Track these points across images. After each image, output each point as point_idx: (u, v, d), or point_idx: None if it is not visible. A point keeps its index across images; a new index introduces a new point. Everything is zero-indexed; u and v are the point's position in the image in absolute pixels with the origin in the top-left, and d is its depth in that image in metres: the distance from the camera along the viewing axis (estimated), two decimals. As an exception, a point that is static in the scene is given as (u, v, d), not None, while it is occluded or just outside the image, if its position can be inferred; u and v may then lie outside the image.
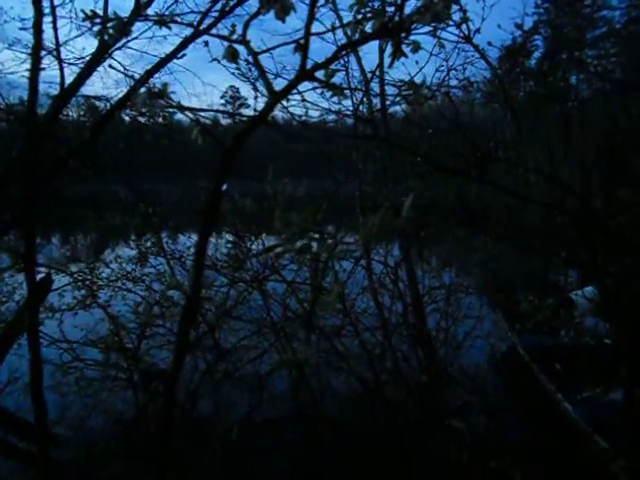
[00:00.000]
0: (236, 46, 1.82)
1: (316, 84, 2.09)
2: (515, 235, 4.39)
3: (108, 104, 8.03)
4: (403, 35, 1.80)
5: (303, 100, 2.99)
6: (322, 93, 1.91)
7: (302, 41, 1.63)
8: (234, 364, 5.55)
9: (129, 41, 8.87)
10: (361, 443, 4.62)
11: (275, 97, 1.67)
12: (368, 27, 1.81)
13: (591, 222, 3.00)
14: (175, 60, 8.39)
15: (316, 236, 1.70)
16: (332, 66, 1.89)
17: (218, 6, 6.41)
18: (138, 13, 5.92)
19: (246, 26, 1.70)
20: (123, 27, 1.73)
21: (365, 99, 8.42)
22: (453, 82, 6.34)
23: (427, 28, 2.07)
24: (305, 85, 2.02)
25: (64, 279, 6.86)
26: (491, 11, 5.60)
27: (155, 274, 6.12)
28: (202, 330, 5.51)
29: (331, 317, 5.95)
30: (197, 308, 3.09)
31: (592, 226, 3.00)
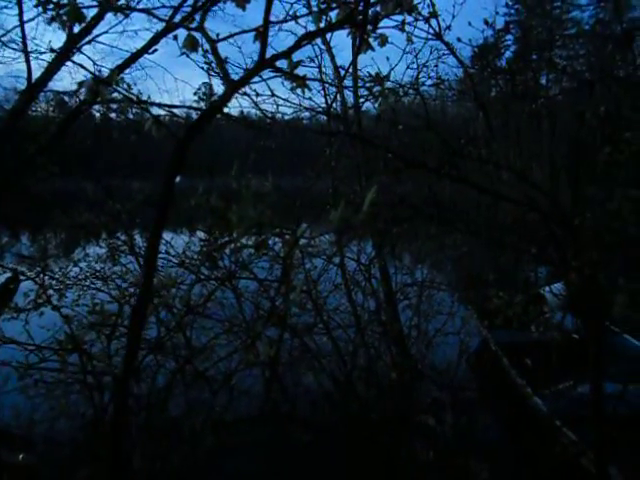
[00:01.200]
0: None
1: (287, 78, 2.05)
2: (485, 232, 4.42)
3: (78, 100, 7.85)
4: (370, 28, 1.78)
5: (272, 95, 2.94)
6: (292, 88, 1.87)
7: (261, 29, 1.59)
8: (204, 363, 5.48)
9: (98, 35, 8.63)
10: (332, 441, 4.61)
11: (232, 86, 1.63)
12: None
13: (558, 219, 3.03)
14: (147, 55, 8.22)
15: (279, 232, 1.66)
16: (305, 59, 1.84)
17: (190, 1, 6.31)
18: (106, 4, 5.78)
19: (204, 13, 1.66)
20: (77, 13, 1.65)
21: (338, 96, 8.42)
22: (425, 79, 6.37)
23: (401, 22, 2.06)
24: (277, 82, 1.98)
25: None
26: (462, 9, 5.63)
27: (123, 272, 5.98)
28: (171, 329, 5.41)
29: (303, 315, 5.92)
30: (147, 306, 3.01)
31: (559, 223, 3.03)
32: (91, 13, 6.98)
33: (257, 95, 4.15)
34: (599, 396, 3.24)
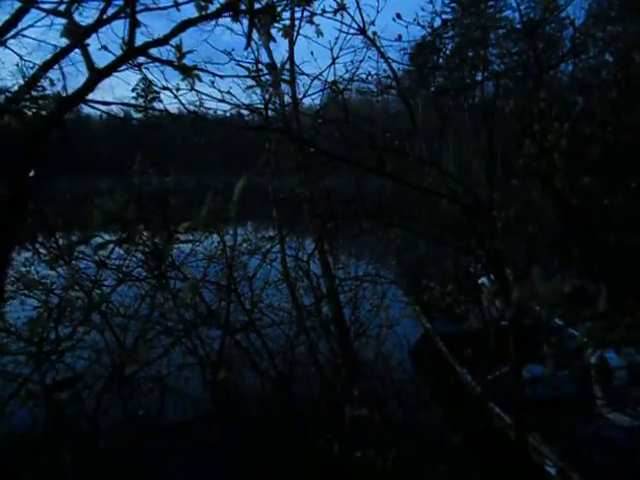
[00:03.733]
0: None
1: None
2: (412, 224, 4.53)
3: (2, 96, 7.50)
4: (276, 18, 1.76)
5: (192, 89, 2.88)
6: (182, 79, 1.83)
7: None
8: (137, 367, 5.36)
9: (24, 29, 8.27)
10: (268, 440, 4.61)
11: (96, 74, 1.58)
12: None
13: (477, 210, 3.13)
14: (78, 50, 7.90)
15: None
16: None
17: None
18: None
19: (73, 2, 1.60)
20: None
21: (276, 92, 8.38)
22: (349, 75, 6.39)
23: (310, 14, 2.05)
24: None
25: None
26: (395, 5, 5.70)
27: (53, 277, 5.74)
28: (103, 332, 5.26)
29: (238, 313, 5.87)
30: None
31: (478, 214, 3.13)
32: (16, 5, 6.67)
33: (178, 90, 4.07)
34: (518, 379, 3.39)
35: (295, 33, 7.79)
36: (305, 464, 4.12)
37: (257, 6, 1.54)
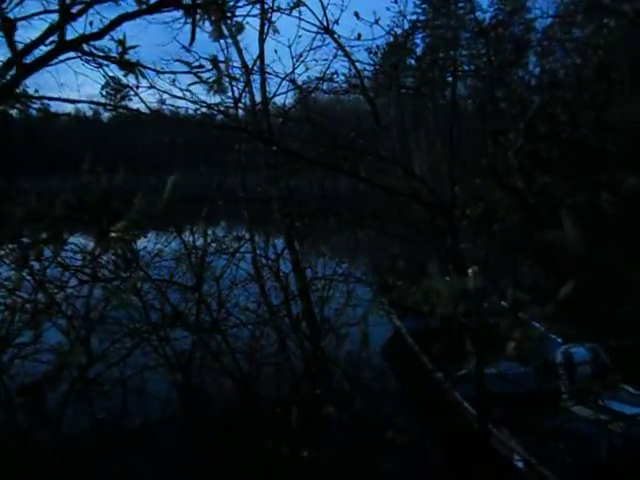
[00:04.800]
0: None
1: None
2: (376, 223, 4.56)
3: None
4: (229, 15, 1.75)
5: (151, 87, 2.85)
6: (125, 75, 1.79)
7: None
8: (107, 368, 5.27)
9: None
10: (230, 441, 4.59)
11: (22, 69, 1.55)
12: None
13: (440, 209, 3.17)
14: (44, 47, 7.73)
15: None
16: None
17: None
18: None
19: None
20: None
21: (247, 92, 8.34)
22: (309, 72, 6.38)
23: (261, 11, 2.03)
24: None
25: None
26: (350, 2, 5.68)
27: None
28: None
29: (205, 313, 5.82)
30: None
31: (440, 213, 3.17)
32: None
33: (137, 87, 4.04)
34: (480, 375, 3.45)
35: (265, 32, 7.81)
36: (262, 465, 4.10)
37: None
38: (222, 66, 1.89)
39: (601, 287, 6.56)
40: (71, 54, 1.87)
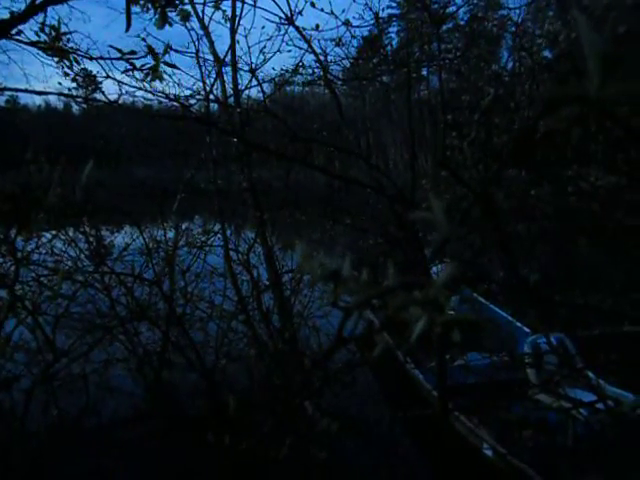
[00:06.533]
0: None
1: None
2: (341, 215, 4.57)
3: None
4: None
5: (108, 77, 2.79)
6: (57, 62, 1.74)
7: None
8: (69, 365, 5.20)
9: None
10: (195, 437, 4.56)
11: None
12: None
13: (401, 201, 3.18)
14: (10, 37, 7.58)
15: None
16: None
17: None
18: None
19: None
20: None
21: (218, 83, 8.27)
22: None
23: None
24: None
25: None
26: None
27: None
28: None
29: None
30: None
31: (401, 204, 3.18)
32: None
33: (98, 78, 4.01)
34: (441, 365, 3.48)
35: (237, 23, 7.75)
36: (231, 462, 4.08)
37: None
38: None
39: (569, 278, 6.70)
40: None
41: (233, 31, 7.65)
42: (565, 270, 6.39)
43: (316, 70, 5.06)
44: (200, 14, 8.01)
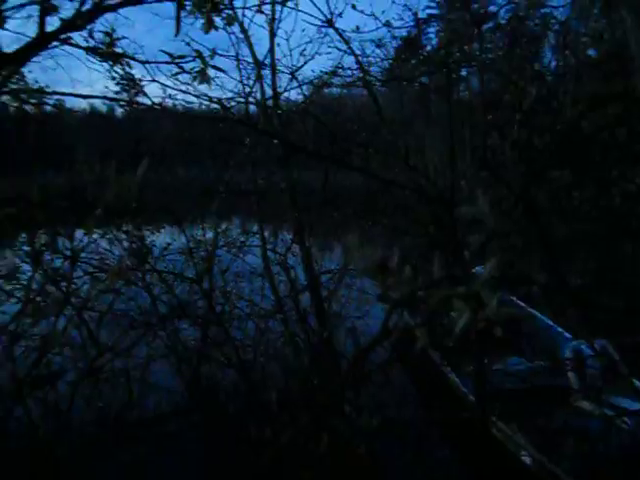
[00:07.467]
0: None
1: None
2: (379, 217, 4.56)
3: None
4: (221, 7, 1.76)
5: (153, 81, 2.89)
6: (111, 66, 1.82)
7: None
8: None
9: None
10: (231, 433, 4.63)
11: (5, 60, 1.57)
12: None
13: (440, 202, 3.16)
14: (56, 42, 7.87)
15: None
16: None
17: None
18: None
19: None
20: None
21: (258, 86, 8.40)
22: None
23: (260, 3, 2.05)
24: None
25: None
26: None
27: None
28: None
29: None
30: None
31: (441, 206, 3.17)
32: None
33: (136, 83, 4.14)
34: (480, 370, 3.45)
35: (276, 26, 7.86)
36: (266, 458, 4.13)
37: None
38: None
39: (613, 283, 6.50)
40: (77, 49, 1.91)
41: (272, 34, 7.76)
42: (609, 274, 6.20)
43: (355, 72, 5.10)
44: (240, 18, 8.16)
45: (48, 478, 4.44)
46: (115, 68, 1.74)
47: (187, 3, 1.74)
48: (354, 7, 3.98)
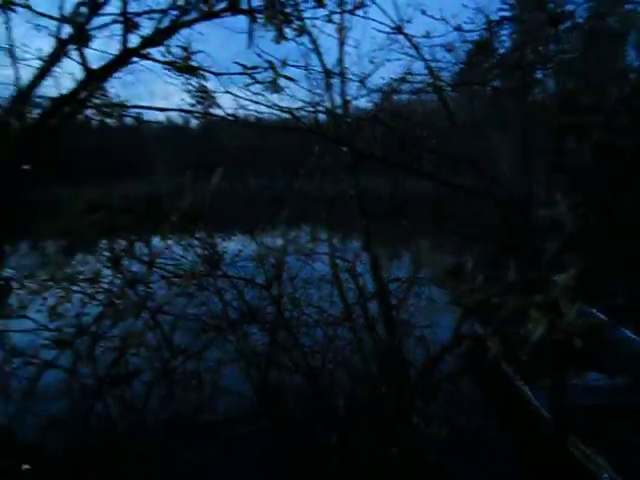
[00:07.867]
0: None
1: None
2: (448, 224, 4.47)
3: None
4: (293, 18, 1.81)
5: (226, 92, 3.00)
6: (186, 79, 1.89)
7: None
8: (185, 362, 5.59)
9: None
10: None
11: (90, 76, 1.67)
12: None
13: (512, 208, 3.07)
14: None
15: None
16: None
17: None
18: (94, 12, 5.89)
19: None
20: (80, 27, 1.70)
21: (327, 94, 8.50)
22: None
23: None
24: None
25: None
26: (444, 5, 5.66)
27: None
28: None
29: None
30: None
31: (513, 212, 3.07)
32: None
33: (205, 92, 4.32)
34: (558, 386, 3.30)
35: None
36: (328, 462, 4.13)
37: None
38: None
39: None
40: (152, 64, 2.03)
41: (342, 43, 7.83)
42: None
43: (425, 77, 5.06)
44: (309, 28, 8.29)
45: (125, 474, 4.66)
46: (190, 81, 1.83)
47: (259, 16, 1.81)
48: (424, 12, 3.96)
